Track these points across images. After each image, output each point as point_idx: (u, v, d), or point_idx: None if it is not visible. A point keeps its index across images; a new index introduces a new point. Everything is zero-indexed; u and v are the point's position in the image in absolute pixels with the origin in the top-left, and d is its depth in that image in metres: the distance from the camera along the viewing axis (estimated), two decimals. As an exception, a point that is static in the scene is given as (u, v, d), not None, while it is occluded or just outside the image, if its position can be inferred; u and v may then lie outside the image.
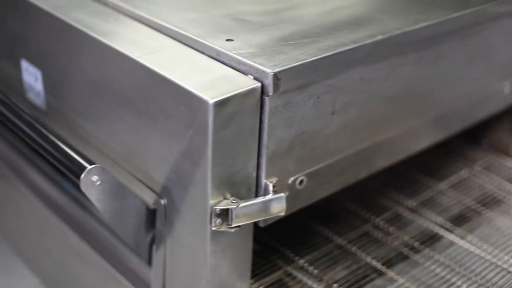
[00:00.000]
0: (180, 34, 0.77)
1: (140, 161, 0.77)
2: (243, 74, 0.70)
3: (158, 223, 0.79)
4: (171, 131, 0.71)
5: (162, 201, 0.77)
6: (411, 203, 1.01)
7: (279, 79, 0.69)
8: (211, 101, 0.66)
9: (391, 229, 0.95)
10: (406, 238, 0.93)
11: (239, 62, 0.71)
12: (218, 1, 0.86)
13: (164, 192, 0.76)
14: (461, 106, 0.97)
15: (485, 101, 1.00)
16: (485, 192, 1.05)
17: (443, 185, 1.06)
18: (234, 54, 0.72)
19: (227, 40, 0.75)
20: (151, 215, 0.80)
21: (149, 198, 0.78)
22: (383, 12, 0.84)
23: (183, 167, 0.72)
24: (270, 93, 0.69)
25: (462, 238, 0.94)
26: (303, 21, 0.81)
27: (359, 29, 0.79)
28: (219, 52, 0.73)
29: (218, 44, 0.74)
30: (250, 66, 0.70)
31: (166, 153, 0.73)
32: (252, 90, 0.68)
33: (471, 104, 0.98)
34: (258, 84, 0.69)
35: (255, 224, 0.74)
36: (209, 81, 0.69)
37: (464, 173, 1.10)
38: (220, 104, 0.66)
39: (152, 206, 0.79)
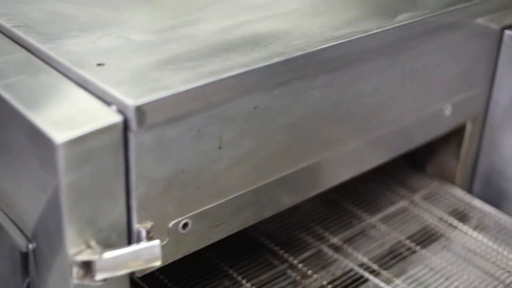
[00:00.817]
0: (49, 56, 0.70)
1: (10, 200, 0.70)
2: (107, 106, 0.63)
3: (30, 268, 0.73)
4: (30, 170, 0.64)
5: (31, 246, 0.70)
6: (337, 240, 0.93)
7: (143, 112, 0.62)
8: (59, 141, 0.58)
9: (310, 271, 0.88)
10: (324, 282, 0.86)
11: (104, 91, 0.64)
12: (106, 15, 0.79)
13: (33, 236, 0.69)
14: (393, 130, 0.90)
15: (422, 124, 0.93)
16: (423, 227, 0.98)
17: (376, 219, 0.98)
18: (100, 82, 0.65)
19: (98, 64, 0.68)
20: (24, 259, 0.74)
21: (21, 241, 0.71)
22: (293, 28, 0.77)
23: (44, 211, 0.65)
24: (135, 128, 0.62)
25: (388, 282, 0.86)
26: (194, 40, 0.74)
27: (256, 49, 0.72)
28: (86, 80, 0.66)
29: (87, 70, 0.67)
30: (113, 96, 0.63)
31: (29, 193, 0.66)
32: (112, 126, 0.61)
33: (405, 128, 0.91)
34: (120, 119, 0.62)
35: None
36: (67, 115, 0.62)
37: (402, 203, 1.02)
38: (71, 144, 0.59)
39: (24, 250, 0.72)
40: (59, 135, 0.59)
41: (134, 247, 0.65)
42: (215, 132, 0.69)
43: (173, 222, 0.69)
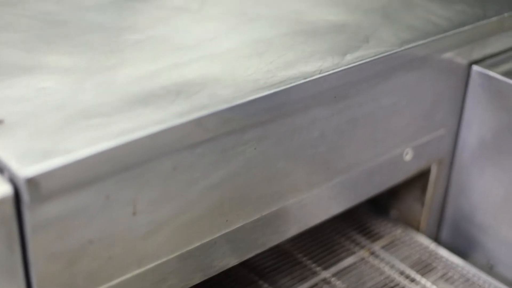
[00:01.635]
0: None
1: None
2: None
3: None
4: None
5: None
6: (283, 298, 0.88)
7: (37, 183, 0.57)
8: None
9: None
10: None
11: (-4, 157, 0.59)
12: (19, 57, 0.74)
13: None
14: (347, 179, 0.85)
15: (380, 171, 0.88)
16: (381, 283, 0.92)
17: (330, 273, 0.93)
18: (-8, 144, 0.60)
19: (-2, 121, 0.63)
20: None
21: None
22: (224, 73, 0.72)
23: None
24: (27, 201, 0.57)
25: None
26: (110, 89, 0.69)
27: (177, 101, 0.67)
28: (-22, 139, 0.61)
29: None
30: (3, 163, 0.58)
31: None
32: (1, 199, 0.56)
33: (360, 176, 0.86)
34: (10, 191, 0.57)
35: None
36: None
37: (361, 254, 0.97)
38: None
39: None
40: None
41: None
42: (128, 198, 0.64)
43: (83, 296, 0.64)
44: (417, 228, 1.02)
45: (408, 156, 0.91)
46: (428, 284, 0.92)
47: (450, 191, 1.00)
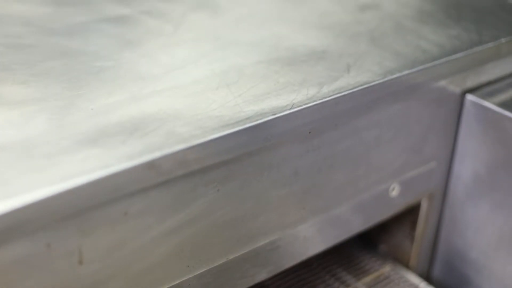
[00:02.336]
0: None
1: None
2: None
3: None
4: None
5: None
6: None
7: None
8: None
9: None
10: None
11: None
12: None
13: None
14: (326, 219, 0.80)
15: (364, 208, 0.83)
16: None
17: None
18: None
19: None
20: None
21: None
22: (186, 108, 0.68)
23: None
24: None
25: None
26: (60, 126, 0.64)
27: (130, 141, 0.62)
28: None
29: None
30: None
31: None
32: None
33: (341, 214, 0.81)
34: None
35: None
36: None
37: (343, 294, 0.92)
38: None
39: None
40: None
41: None
42: (73, 246, 0.60)
43: None
44: (407, 265, 0.97)
45: (395, 191, 0.86)
46: (415, 328, 0.87)
47: (442, 227, 0.95)
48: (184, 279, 0.69)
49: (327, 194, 0.78)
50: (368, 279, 0.95)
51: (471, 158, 0.89)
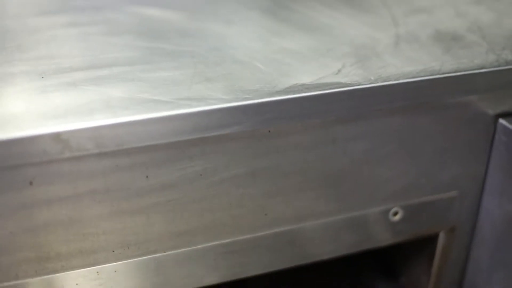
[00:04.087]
0: None
1: None
2: None
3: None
4: None
5: None
6: None
7: None
8: None
9: None
10: None
11: None
12: None
13: None
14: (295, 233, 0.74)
15: (353, 227, 0.76)
16: None
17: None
18: None
19: None
20: None
21: None
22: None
23: None
24: None
25: None
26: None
27: None
28: None
29: None
30: None
31: None
32: None
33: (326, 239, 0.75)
34: None
35: None
36: None
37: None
38: None
39: None
40: None
41: None
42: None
43: None
44: (423, 304, 0.87)
45: (397, 217, 0.77)
46: None
47: (468, 267, 0.84)
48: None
49: (297, 204, 0.72)
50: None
51: (500, 193, 0.78)
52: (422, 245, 0.85)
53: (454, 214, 0.81)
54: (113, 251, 0.67)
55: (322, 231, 0.75)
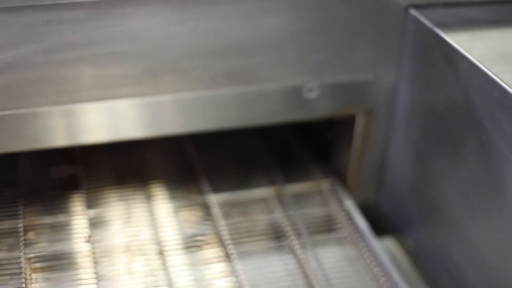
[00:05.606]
0: None
1: None
2: None
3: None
4: None
5: None
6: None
7: None
8: None
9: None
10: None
11: None
12: None
13: None
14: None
15: (274, 105, 0.87)
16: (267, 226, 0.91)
17: (213, 199, 0.94)
18: None
19: None
20: None
21: None
22: None
23: None
24: None
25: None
26: None
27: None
28: None
29: None
30: None
31: None
32: None
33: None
34: None
35: None
36: None
37: (262, 191, 0.96)
38: None
39: None
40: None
41: None
42: None
43: None
44: (344, 183, 0.98)
45: (312, 93, 0.88)
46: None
47: (389, 154, 0.94)
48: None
49: (212, 70, 0.83)
50: (297, 186, 0.98)
51: (410, 79, 0.87)
52: (343, 129, 0.95)
53: (371, 98, 0.90)
54: (48, 98, 0.79)
55: (237, 99, 0.85)
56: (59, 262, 0.84)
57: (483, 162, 0.75)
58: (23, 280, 0.80)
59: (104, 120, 0.83)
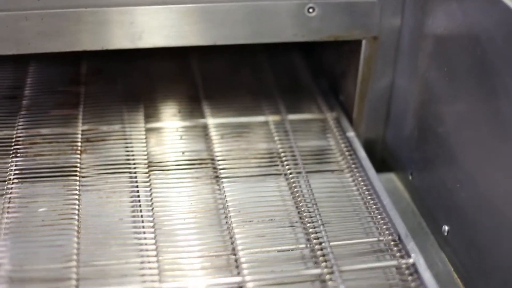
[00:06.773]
0: None
1: None
2: None
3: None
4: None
5: None
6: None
7: None
8: None
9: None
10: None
11: None
12: None
13: None
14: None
15: (275, 23, 0.86)
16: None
17: (211, 121, 0.93)
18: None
19: None
20: None
21: None
22: None
23: None
24: None
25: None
26: None
27: None
28: None
29: None
30: None
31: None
32: None
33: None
34: None
35: None
36: None
37: (263, 117, 0.95)
38: None
39: None
40: None
41: None
42: None
43: None
44: (350, 116, 0.95)
45: (314, 13, 0.86)
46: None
47: (393, 83, 0.91)
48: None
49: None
50: (299, 115, 0.96)
51: (419, 7, 0.85)
52: (350, 58, 0.93)
53: (376, 23, 0.88)
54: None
55: (236, 13, 0.84)
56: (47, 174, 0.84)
57: (478, 78, 0.72)
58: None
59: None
